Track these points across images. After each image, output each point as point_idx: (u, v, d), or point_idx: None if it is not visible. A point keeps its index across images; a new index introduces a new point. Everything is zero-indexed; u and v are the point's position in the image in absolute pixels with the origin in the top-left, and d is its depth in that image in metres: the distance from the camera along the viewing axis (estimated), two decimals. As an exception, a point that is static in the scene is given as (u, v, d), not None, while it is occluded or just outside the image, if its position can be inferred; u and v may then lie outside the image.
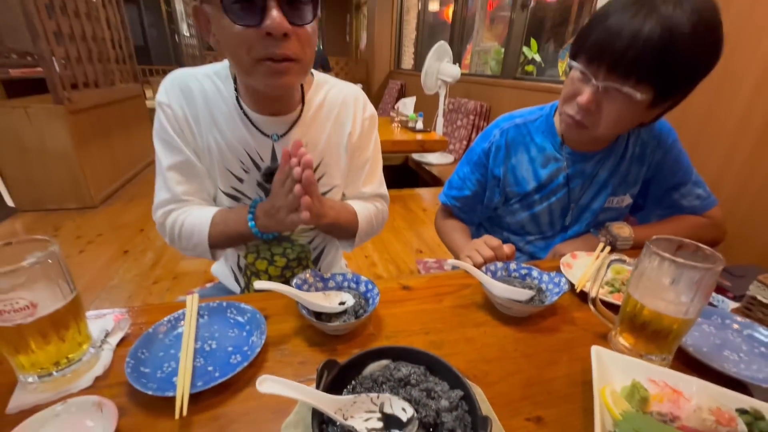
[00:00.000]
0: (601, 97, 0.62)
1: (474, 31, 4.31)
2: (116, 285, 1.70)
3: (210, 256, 0.68)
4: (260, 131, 0.64)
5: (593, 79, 0.61)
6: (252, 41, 0.50)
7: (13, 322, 0.38)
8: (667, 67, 0.56)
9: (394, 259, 2.01)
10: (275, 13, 0.48)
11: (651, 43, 0.54)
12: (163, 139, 0.64)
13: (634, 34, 0.54)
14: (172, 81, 0.63)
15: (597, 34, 0.59)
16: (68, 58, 2.34)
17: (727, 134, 1.34)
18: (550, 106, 0.81)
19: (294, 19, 0.51)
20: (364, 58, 6.48)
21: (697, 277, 0.43)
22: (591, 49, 0.60)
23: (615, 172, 0.78)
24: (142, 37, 9.23)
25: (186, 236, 0.66)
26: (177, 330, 0.50)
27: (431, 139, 2.61)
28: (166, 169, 0.65)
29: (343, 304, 0.53)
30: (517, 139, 0.80)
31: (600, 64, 0.59)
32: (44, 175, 2.33)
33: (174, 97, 0.62)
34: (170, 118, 0.63)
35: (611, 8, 0.59)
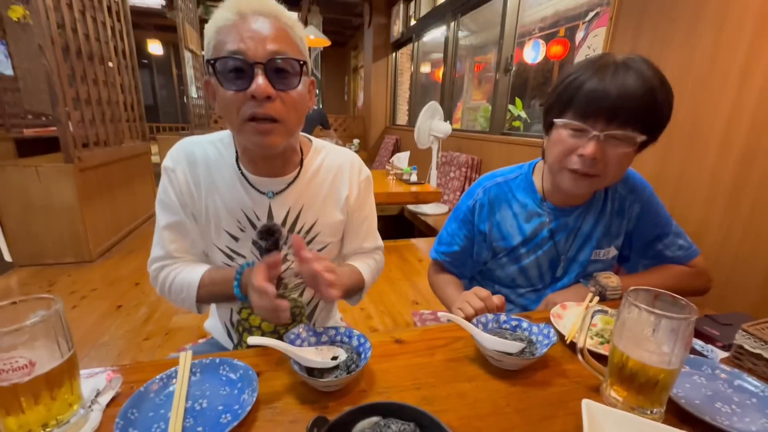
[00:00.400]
0: (603, 146, 0.66)
1: (463, 91, 4.64)
2: (106, 342, 1.65)
3: (198, 312, 0.73)
4: (257, 189, 0.69)
5: (592, 131, 0.66)
6: (240, 103, 0.58)
7: (10, 381, 0.39)
8: (652, 111, 0.65)
9: (389, 311, 1.99)
10: (260, 80, 0.56)
11: (637, 94, 0.63)
12: (163, 201, 0.70)
13: (621, 87, 0.63)
14: (178, 149, 0.69)
15: (582, 95, 0.65)
16: (83, 120, 2.49)
17: (703, 185, 1.41)
18: (528, 164, 0.86)
19: (279, 85, 0.58)
20: (361, 115, 6.87)
21: (674, 326, 0.45)
22: (583, 107, 0.66)
23: (597, 226, 0.82)
24: (153, 97, 9.84)
25: (176, 292, 0.70)
26: (169, 388, 0.50)
27: (426, 190, 2.70)
28: (162, 228, 0.70)
29: (335, 359, 0.54)
30: (499, 196, 0.84)
31: (596, 118, 0.65)
32: (46, 229, 2.36)
33: (179, 164, 0.68)
34: (174, 182, 0.68)
35: (582, 73, 0.67)
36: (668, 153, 1.52)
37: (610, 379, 0.51)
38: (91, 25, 2.62)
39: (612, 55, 0.68)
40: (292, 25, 0.60)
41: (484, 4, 3.45)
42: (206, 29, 0.59)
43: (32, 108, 4.09)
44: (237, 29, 0.56)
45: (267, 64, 0.56)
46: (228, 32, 0.56)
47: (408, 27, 5.20)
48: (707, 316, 0.72)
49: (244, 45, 0.55)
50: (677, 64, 1.48)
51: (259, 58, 0.56)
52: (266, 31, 0.56)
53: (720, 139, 1.33)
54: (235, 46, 0.55)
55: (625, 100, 0.63)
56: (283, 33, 0.58)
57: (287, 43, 0.58)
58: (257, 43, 0.56)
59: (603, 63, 0.66)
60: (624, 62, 0.65)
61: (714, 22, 1.34)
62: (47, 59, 2.13)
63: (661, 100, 0.65)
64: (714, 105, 1.35)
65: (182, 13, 4.35)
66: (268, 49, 0.56)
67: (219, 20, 0.57)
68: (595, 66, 0.66)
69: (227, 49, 0.56)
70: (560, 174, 0.73)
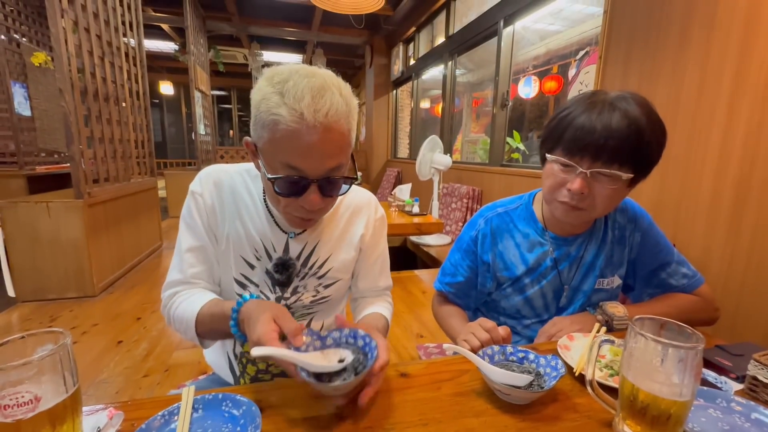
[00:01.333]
0: (590, 182, 0.69)
1: (462, 124, 4.78)
2: (105, 379, 1.61)
3: (203, 347, 0.71)
4: (279, 227, 0.71)
5: (579, 168, 0.68)
6: (289, 203, 0.60)
7: (14, 417, 0.38)
8: (639, 150, 0.66)
9: (394, 345, 1.94)
10: (314, 196, 0.57)
11: (621, 132, 0.64)
12: (188, 224, 0.70)
13: (606, 126, 0.65)
14: (207, 174, 0.71)
15: (571, 132, 0.68)
16: (95, 157, 2.58)
17: (702, 214, 1.42)
18: (528, 195, 0.88)
19: (329, 194, 0.60)
20: (363, 149, 7.05)
21: (681, 356, 0.44)
22: (570, 144, 0.68)
23: (599, 255, 0.82)
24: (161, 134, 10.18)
25: (177, 322, 0.68)
26: (170, 425, 0.49)
27: (428, 222, 2.72)
28: (185, 251, 0.69)
29: (342, 362, 0.52)
30: (501, 227, 0.85)
31: (583, 155, 0.67)
32: (52, 264, 2.38)
33: (207, 188, 0.69)
34: (200, 206, 0.69)
35: (574, 109, 0.70)
36: (665, 183, 1.55)
37: (623, 413, 0.50)
38: (108, 70, 2.77)
39: (604, 92, 0.70)
40: (350, 120, 0.57)
41: (480, 45, 3.64)
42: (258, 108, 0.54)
43: (46, 146, 4.24)
44: (300, 139, 0.53)
45: (322, 180, 0.57)
46: (289, 138, 0.53)
47: (407, 66, 5.46)
48: (718, 347, 0.70)
49: (305, 162, 0.55)
50: (666, 98, 1.55)
51: (317, 176, 0.56)
52: (328, 147, 0.55)
53: (714, 169, 1.36)
54: (296, 162, 0.55)
55: (609, 139, 0.64)
56: (342, 141, 0.56)
57: (345, 151, 0.58)
58: (318, 161, 0.55)
59: (593, 101, 0.69)
60: (612, 101, 0.67)
61: (698, 55, 1.41)
62: (66, 101, 2.24)
63: (648, 139, 0.66)
64: (705, 135, 1.39)
65: (194, 57, 4.60)
66: (328, 167, 0.56)
67: (279, 118, 0.52)
68: (585, 103, 0.69)
69: (287, 161, 0.55)
70: (552, 204, 0.76)
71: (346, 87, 0.57)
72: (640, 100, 0.68)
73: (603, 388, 0.54)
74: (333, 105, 0.53)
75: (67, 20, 2.25)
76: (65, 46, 2.22)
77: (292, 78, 0.53)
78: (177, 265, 0.70)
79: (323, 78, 0.55)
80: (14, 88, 3.78)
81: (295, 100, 0.52)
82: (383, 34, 5.86)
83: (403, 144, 6.12)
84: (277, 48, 7.17)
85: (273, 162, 0.57)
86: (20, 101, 3.91)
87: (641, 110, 0.66)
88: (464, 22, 3.78)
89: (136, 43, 3.31)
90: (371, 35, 6.01)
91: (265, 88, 0.54)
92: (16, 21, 3.71)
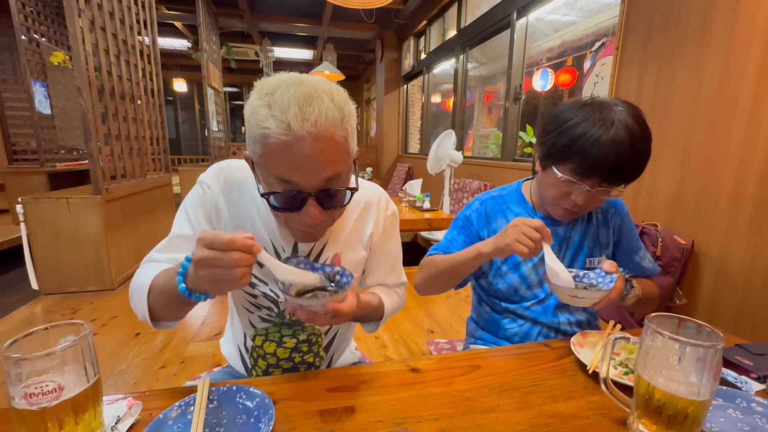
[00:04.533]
0: (592, 195, 0.74)
1: (474, 119, 4.73)
2: (124, 370, 1.67)
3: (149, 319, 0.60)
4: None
5: (586, 186, 0.72)
6: (288, 218, 0.59)
7: (39, 405, 0.40)
8: (638, 169, 0.72)
9: (404, 340, 1.95)
10: (312, 210, 0.55)
11: (629, 159, 0.69)
12: (186, 210, 0.67)
13: (617, 154, 0.67)
14: (220, 167, 0.69)
15: (582, 154, 0.70)
16: (112, 154, 2.64)
17: (723, 211, 1.38)
18: (517, 183, 0.95)
19: (329, 206, 0.57)
20: (374, 144, 7.04)
21: (700, 355, 0.43)
22: (582, 167, 0.71)
23: (586, 235, 0.86)
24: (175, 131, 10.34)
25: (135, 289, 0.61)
26: (187, 416, 0.50)
27: (439, 217, 2.71)
28: (174, 236, 0.67)
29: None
30: (495, 207, 0.90)
31: (592, 176, 0.72)
32: (72, 258, 2.45)
33: (217, 181, 0.68)
34: (205, 196, 0.67)
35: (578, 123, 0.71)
36: (684, 179, 1.51)
37: (638, 412, 0.49)
38: (124, 68, 2.83)
39: (608, 106, 0.71)
40: (345, 127, 0.54)
41: (492, 38, 3.58)
42: (249, 123, 0.53)
43: (65, 143, 4.36)
44: (290, 151, 0.50)
45: (320, 193, 0.54)
46: (279, 151, 0.51)
47: (418, 60, 5.41)
48: (738, 346, 0.68)
49: (298, 175, 0.52)
50: (686, 89, 1.50)
51: (312, 189, 0.54)
52: (321, 156, 0.51)
53: (737, 164, 1.32)
54: (288, 175, 0.52)
55: (620, 165, 0.69)
56: (336, 150, 0.53)
57: (341, 159, 0.54)
58: (311, 172, 0.52)
59: (604, 119, 0.69)
60: (619, 121, 0.69)
61: (721, 44, 1.36)
62: (84, 99, 2.30)
63: (645, 158, 0.71)
64: (728, 129, 1.34)
65: (206, 54, 4.65)
66: (323, 177, 0.53)
67: (268, 131, 0.50)
68: (590, 120, 0.70)
69: (279, 175, 0.52)
70: (553, 207, 0.81)
71: (339, 93, 0.55)
72: (635, 114, 0.71)
73: (617, 386, 0.54)
74: (322, 112, 0.50)
75: (84, 20, 2.29)
76: (82, 45, 2.27)
77: (279, 89, 0.51)
78: (163, 246, 0.67)
79: (312, 85, 0.52)
80: (35, 87, 3.88)
81: (281, 111, 0.49)
82: (394, 28, 5.82)
83: (413, 139, 6.09)
84: (288, 44, 7.18)
85: (267, 177, 0.55)
86: (40, 100, 4.02)
87: (639, 127, 0.69)
88: (476, 14, 3.72)
89: (151, 41, 3.36)
90: (382, 29, 5.97)
91: (254, 102, 0.52)
92: (35, 21, 3.80)
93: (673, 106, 1.55)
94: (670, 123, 1.56)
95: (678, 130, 1.53)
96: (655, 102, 1.63)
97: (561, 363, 0.66)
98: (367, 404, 0.54)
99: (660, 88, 1.60)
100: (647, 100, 1.66)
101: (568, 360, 0.67)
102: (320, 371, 0.64)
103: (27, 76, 3.70)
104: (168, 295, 0.55)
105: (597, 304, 0.69)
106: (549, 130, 0.76)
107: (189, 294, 0.50)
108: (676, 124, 1.54)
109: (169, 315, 0.61)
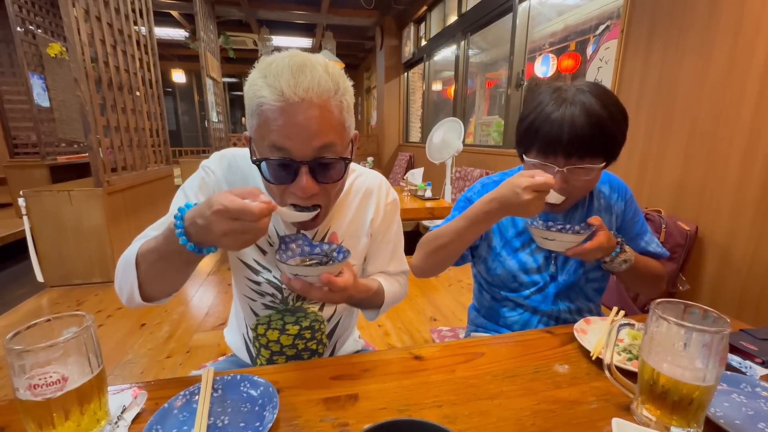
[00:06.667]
0: (568, 176, 0.73)
1: (475, 106, 4.67)
2: (131, 360, 1.69)
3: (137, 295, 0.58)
4: None
5: (556, 167, 0.73)
6: (283, 191, 0.57)
7: (44, 396, 0.40)
8: (604, 142, 0.71)
9: (407, 328, 1.96)
10: (305, 180, 0.54)
11: (584, 129, 0.68)
12: (185, 193, 0.67)
13: (570, 125, 0.68)
14: (223, 154, 0.69)
15: (542, 134, 0.71)
16: (112, 146, 2.63)
17: (728, 195, 1.36)
18: (518, 168, 0.92)
19: (323, 179, 0.56)
20: (375, 133, 6.98)
21: (706, 341, 0.43)
22: (543, 146, 0.73)
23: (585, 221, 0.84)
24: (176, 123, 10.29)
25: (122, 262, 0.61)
26: (192, 405, 0.50)
27: (440, 206, 2.69)
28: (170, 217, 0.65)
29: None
30: None
31: (556, 155, 0.72)
32: (76, 251, 2.47)
33: (220, 166, 0.67)
34: (208, 180, 0.67)
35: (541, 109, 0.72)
36: (689, 163, 1.49)
37: (641, 397, 0.49)
38: (121, 58, 2.79)
39: (565, 88, 0.73)
40: (340, 99, 0.54)
41: (494, 23, 3.51)
42: (247, 96, 0.54)
43: (65, 136, 4.35)
44: (283, 118, 0.51)
45: (312, 162, 0.54)
46: (273, 118, 0.51)
47: (419, 47, 5.33)
48: (743, 331, 0.68)
49: (290, 142, 0.52)
50: (692, 72, 1.47)
51: (304, 157, 0.53)
52: (313, 124, 0.52)
53: (743, 148, 1.29)
54: (281, 142, 0.52)
55: (575, 139, 0.69)
56: (331, 119, 0.53)
57: (335, 130, 0.54)
58: (303, 140, 0.52)
59: (555, 98, 0.71)
60: (572, 98, 0.70)
61: (730, 25, 1.33)
62: (81, 91, 2.28)
63: (611, 131, 0.70)
64: (735, 112, 1.32)
65: (204, 44, 4.59)
66: (315, 146, 0.53)
67: (263, 99, 0.51)
68: (549, 101, 0.72)
69: (272, 142, 0.52)
70: None
71: (336, 68, 0.55)
72: (597, 92, 0.71)
73: (621, 372, 0.54)
74: (315, 79, 0.51)
75: (78, 9, 2.26)
76: (78, 36, 2.24)
77: (275, 61, 0.53)
78: (158, 225, 0.65)
79: (307, 57, 0.54)
80: (33, 80, 3.85)
81: (275, 78, 0.51)
82: (393, 14, 5.71)
83: (414, 128, 6.03)
84: (287, 32, 7.07)
85: (262, 149, 0.55)
86: (39, 92, 3.99)
87: (599, 102, 0.69)
88: (478, -2, 3.64)
89: (147, 31, 3.32)
90: (381, 16, 5.86)
91: (252, 76, 0.54)
92: (30, 12, 3.75)
93: (678, 90, 1.52)
94: (676, 107, 1.53)
95: (683, 114, 1.50)
96: (660, 86, 1.60)
97: (564, 350, 0.66)
98: (370, 392, 0.55)
99: (665, 71, 1.57)
100: (652, 85, 1.63)
101: (571, 347, 0.67)
102: (324, 359, 0.64)
103: (24, 68, 3.67)
104: (167, 259, 0.54)
105: (570, 250, 0.71)
106: (519, 123, 0.78)
107: (200, 250, 0.50)
108: (681, 108, 1.51)
109: (164, 284, 0.59)
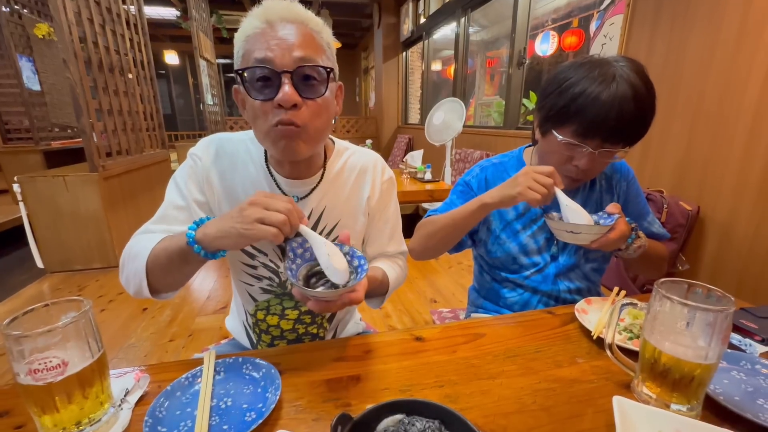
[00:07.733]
0: (595, 158, 0.71)
1: (476, 87, 4.59)
2: (134, 344, 1.71)
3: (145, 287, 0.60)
4: (283, 192, 0.69)
5: (589, 148, 0.69)
6: (268, 111, 0.57)
7: (45, 380, 0.40)
8: (643, 128, 0.69)
9: (408, 309, 1.98)
10: (287, 88, 0.55)
11: (632, 116, 0.65)
12: (176, 183, 0.67)
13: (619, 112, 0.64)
14: (210, 140, 0.69)
15: (583, 114, 0.67)
16: (106, 130, 2.58)
17: (731, 175, 1.35)
18: (518, 150, 0.92)
19: (305, 93, 0.57)
20: (373, 115, 6.88)
21: (710, 320, 0.43)
22: (584, 127, 0.68)
23: (588, 203, 0.84)
24: (170, 106, 10.12)
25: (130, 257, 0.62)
26: (194, 387, 0.51)
27: (440, 188, 2.68)
28: (167, 209, 0.67)
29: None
30: (495, 174, 0.88)
31: (594, 137, 0.68)
32: (75, 236, 2.46)
33: (207, 153, 0.67)
34: (197, 168, 0.67)
35: (578, 83, 0.67)
36: (692, 141, 1.47)
37: (642, 375, 0.49)
38: (110, 38, 2.71)
39: (608, 64, 0.67)
40: (320, 30, 0.60)
41: (495, -2, 3.40)
42: (235, 38, 0.59)
43: (58, 121, 4.27)
44: (264, 37, 0.55)
45: (294, 72, 0.56)
46: (256, 40, 0.56)
47: (418, 25, 5.18)
48: (743, 309, 0.68)
49: (272, 53, 0.55)
50: (699, 49, 1.43)
51: (286, 66, 0.55)
52: (293, 38, 0.56)
53: (748, 126, 1.27)
54: (263, 54, 0.55)
55: (622, 125, 0.66)
56: (310, 39, 0.58)
57: (314, 49, 0.58)
58: (284, 50, 0.55)
59: (601, 77, 0.66)
60: (620, 79, 0.65)
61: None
62: (71, 72, 2.21)
63: (650, 116, 0.68)
64: (741, 90, 1.29)
65: (196, 23, 4.45)
66: (295, 56, 0.55)
67: (247, 29, 0.57)
68: (590, 78, 0.67)
69: (255, 58, 0.55)
70: None
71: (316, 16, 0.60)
72: (639, 71, 0.67)
73: (622, 351, 0.54)
74: (293, 4, 0.58)
75: (64, -14, 2.17)
76: (65, 14, 2.16)
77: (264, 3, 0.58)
78: (157, 218, 0.66)
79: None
80: (21, 62, 3.75)
81: (258, 8, 0.57)
82: (391, -10, 5.53)
83: (414, 109, 5.94)
84: (281, 10, 6.85)
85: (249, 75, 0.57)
86: (29, 75, 3.89)
87: (644, 86, 0.66)
88: (478, -28, 3.51)
89: (137, 9, 3.21)
90: (379, -8, 5.68)
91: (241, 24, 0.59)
92: (14, -10, 3.62)
93: (685, 67, 1.48)
94: (681, 85, 1.50)
95: (689, 92, 1.47)
96: (666, 63, 1.56)
97: (565, 329, 0.67)
98: (372, 373, 0.55)
99: (672, 47, 1.53)
100: (658, 62, 1.59)
101: (572, 326, 0.67)
102: (325, 342, 0.64)
103: (12, 50, 3.57)
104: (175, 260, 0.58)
105: (596, 242, 0.69)
106: (548, 92, 0.73)
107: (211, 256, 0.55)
108: (687, 86, 1.48)
109: (168, 280, 0.62)
